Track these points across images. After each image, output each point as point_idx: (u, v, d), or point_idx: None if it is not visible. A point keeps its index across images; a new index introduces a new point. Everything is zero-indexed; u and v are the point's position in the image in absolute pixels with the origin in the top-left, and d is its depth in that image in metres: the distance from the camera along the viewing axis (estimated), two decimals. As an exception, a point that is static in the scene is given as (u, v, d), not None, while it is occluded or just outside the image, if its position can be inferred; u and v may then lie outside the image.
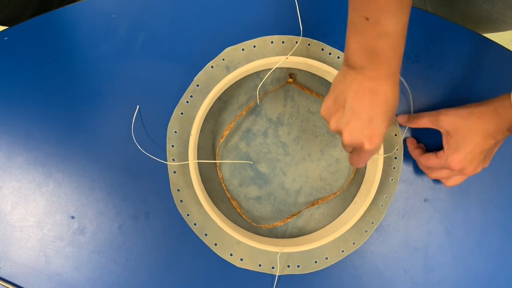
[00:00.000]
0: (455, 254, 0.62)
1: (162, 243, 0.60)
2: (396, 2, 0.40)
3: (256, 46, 0.60)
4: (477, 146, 0.50)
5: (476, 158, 0.51)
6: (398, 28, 0.42)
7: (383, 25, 0.41)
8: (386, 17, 0.41)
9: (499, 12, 0.65)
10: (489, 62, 0.62)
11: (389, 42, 0.42)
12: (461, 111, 0.52)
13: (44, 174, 0.60)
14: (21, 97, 0.60)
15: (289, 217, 0.60)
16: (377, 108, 0.44)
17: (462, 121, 0.51)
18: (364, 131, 0.44)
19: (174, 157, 0.60)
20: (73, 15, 0.61)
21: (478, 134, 0.50)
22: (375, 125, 0.44)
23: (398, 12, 0.41)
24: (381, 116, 0.44)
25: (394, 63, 0.44)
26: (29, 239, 0.60)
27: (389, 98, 0.44)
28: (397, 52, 0.43)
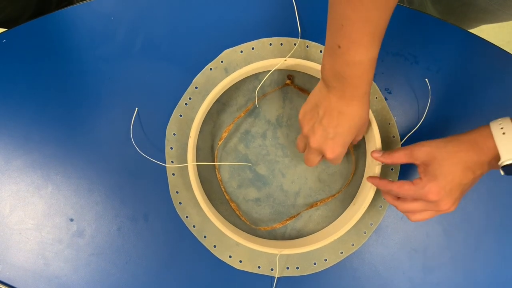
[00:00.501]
0: (453, 255, 0.62)
1: (161, 245, 0.60)
2: (368, 37, 0.42)
3: (254, 48, 0.60)
4: (456, 177, 0.46)
5: (454, 190, 0.46)
6: (367, 59, 0.44)
7: (352, 55, 0.44)
8: (356, 48, 0.43)
9: (498, 3, 0.66)
10: (486, 63, 0.63)
11: (357, 70, 0.45)
12: (437, 141, 0.48)
13: (43, 176, 0.60)
14: (20, 100, 0.60)
15: (287, 219, 0.60)
16: (342, 126, 0.49)
17: (439, 150, 0.47)
18: (328, 142, 0.50)
19: (173, 159, 0.60)
20: (71, 18, 0.61)
21: (456, 164, 0.46)
22: (338, 139, 0.50)
23: (368, 45, 0.43)
24: (344, 132, 0.49)
25: (361, 88, 0.46)
26: (28, 242, 0.60)
27: (354, 117, 0.48)
28: (364, 79, 0.46)
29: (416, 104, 0.62)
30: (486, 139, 0.45)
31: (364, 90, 0.47)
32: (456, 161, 0.46)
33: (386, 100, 0.62)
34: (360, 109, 0.48)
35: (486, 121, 0.61)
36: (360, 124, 0.50)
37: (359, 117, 0.49)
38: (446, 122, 0.62)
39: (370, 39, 0.43)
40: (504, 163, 0.43)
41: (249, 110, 0.60)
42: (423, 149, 0.48)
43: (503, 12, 0.68)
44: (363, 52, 0.43)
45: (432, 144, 0.48)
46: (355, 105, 0.48)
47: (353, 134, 0.50)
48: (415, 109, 0.62)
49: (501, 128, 0.44)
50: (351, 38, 0.43)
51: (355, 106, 0.48)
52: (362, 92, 0.47)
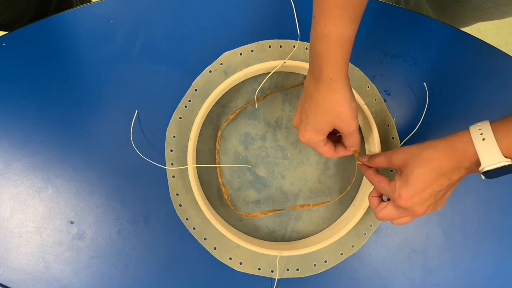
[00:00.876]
0: (453, 256, 0.62)
1: (161, 247, 0.60)
2: (339, 10, 0.42)
3: (254, 50, 0.60)
4: (428, 186, 0.45)
5: (425, 199, 0.45)
6: (335, 35, 0.43)
7: (322, 26, 0.43)
8: (325, 20, 0.42)
9: (491, 0, 0.66)
10: (485, 65, 0.63)
11: (324, 46, 0.44)
12: (413, 148, 0.47)
13: (43, 179, 0.60)
14: (20, 102, 0.60)
15: (271, 211, 0.59)
16: (310, 108, 0.48)
17: (413, 156, 0.45)
18: (301, 124, 0.50)
19: (172, 162, 0.60)
20: (71, 20, 0.61)
21: (429, 171, 0.44)
22: (307, 122, 0.49)
23: (338, 19, 0.42)
24: (314, 115, 0.48)
25: (327, 69, 0.45)
26: (28, 245, 0.60)
27: (319, 102, 0.47)
28: (330, 57, 0.44)
29: (415, 105, 0.62)
30: (466, 144, 0.43)
31: (331, 73, 0.45)
32: (429, 169, 0.44)
33: (385, 102, 0.62)
34: (327, 95, 0.46)
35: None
36: (327, 113, 0.47)
37: (325, 104, 0.46)
38: (445, 123, 0.62)
39: (341, 12, 0.42)
40: (484, 169, 0.42)
41: (244, 107, 0.61)
42: (399, 156, 0.47)
43: (496, 10, 0.69)
44: (332, 25, 0.42)
45: (408, 151, 0.47)
46: (322, 88, 0.46)
47: (326, 120, 0.47)
48: (414, 110, 0.62)
49: (481, 134, 0.42)
50: (322, 8, 0.42)
51: (323, 90, 0.46)
52: (330, 73, 0.45)
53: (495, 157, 0.41)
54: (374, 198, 0.52)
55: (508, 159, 0.41)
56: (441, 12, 0.80)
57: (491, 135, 0.42)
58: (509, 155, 0.41)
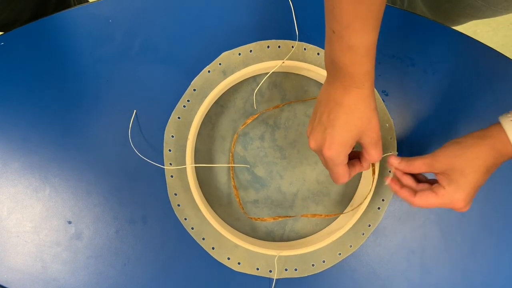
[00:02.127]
0: (451, 256, 0.62)
1: (159, 247, 0.60)
2: (361, 21, 0.41)
3: (252, 50, 0.60)
4: (477, 182, 0.47)
5: (474, 194, 0.48)
6: (361, 45, 0.42)
7: (346, 40, 0.42)
8: (349, 33, 0.42)
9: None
10: (483, 66, 0.63)
11: (351, 57, 0.43)
12: (454, 149, 0.47)
13: (41, 179, 0.60)
14: (18, 102, 0.60)
15: (281, 217, 0.59)
16: (339, 118, 0.45)
17: (457, 158, 0.47)
18: (326, 138, 0.46)
19: (171, 162, 0.60)
20: (69, 20, 0.61)
21: (477, 169, 0.46)
22: (335, 134, 0.46)
23: (361, 30, 0.42)
24: (342, 126, 0.45)
25: (358, 78, 0.44)
26: (26, 245, 0.59)
27: (352, 110, 0.45)
28: (360, 67, 0.44)
29: (413, 106, 0.62)
30: (506, 145, 0.46)
31: (362, 80, 0.44)
32: (477, 167, 0.46)
33: (384, 102, 0.62)
34: (360, 101, 0.45)
35: (483, 122, 0.62)
36: (360, 120, 0.46)
37: (358, 111, 0.45)
38: (443, 123, 0.62)
39: (363, 22, 0.41)
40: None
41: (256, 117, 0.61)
42: (441, 159, 0.48)
43: (487, 8, 0.70)
44: (357, 37, 0.42)
45: (449, 153, 0.48)
46: (354, 95, 0.45)
47: (352, 131, 0.46)
48: (412, 111, 0.62)
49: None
50: (343, 21, 0.41)
51: (354, 96, 0.45)
52: (360, 81, 0.44)
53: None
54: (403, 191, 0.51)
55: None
56: (435, 10, 0.81)
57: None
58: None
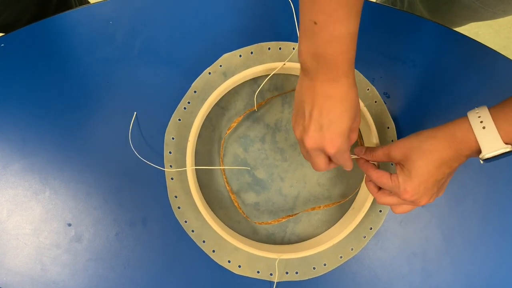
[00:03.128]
0: (452, 259, 0.62)
1: (159, 250, 0.60)
2: (345, 9, 0.40)
3: (253, 52, 0.60)
4: (431, 177, 0.45)
5: (429, 190, 0.46)
6: (347, 33, 0.41)
7: (331, 29, 0.41)
8: (334, 23, 0.41)
9: (480, 0, 0.67)
10: (485, 68, 0.63)
11: (337, 46, 0.42)
12: (412, 140, 0.47)
13: (41, 181, 0.60)
14: (18, 104, 0.60)
15: (284, 217, 0.59)
16: (334, 111, 0.44)
17: (413, 150, 0.46)
18: (325, 135, 0.45)
19: (171, 164, 0.59)
20: (70, 22, 0.61)
21: (430, 162, 0.45)
22: (334, 128, 0.45)
23: (346, 17, 0.41)
24: (339, 118, 0.44)
25: (345, 65, 0.43)
26: (25, 247, 0.59)
27: (345, 98, 0.44)
28: (346, 56, 0.43)
29: (415, 107, 0.62)
30: (466, 133, 0.44)
31: (349, 68, 0.44)
32: (431, 160, 0.45)
33: (385, 104, 0.62)
34: (349, 88, 0.44)
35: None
36: (353, 106, 0.45)
37: (350, 99, 0.45)
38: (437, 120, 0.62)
39: (348, 10, 0.40)
40: (485, 157, 0.43)
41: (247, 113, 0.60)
42: (398, 149, 0.47)
43: (485, 10, 0.70)
44: (341, 25, 0.41)
45: (407, 144, 0.47)
46: (343, 84, 0.44)
47: (349, 120, 0.45)
48: (414, 113, 0.62)
49: (481, 122, 0.43)
50: (326, 11, 0.40)
51: (343, 86, 0.44)
52: (346, 69, 0.43)
53: (496, 144, 0.42)
54: (370, 184, 0.52)
55: (508, 145, 0.42)
56: (434, 12, 0.81)
57: (491, 122, 0.43)
58: (509, 141, 0.42)
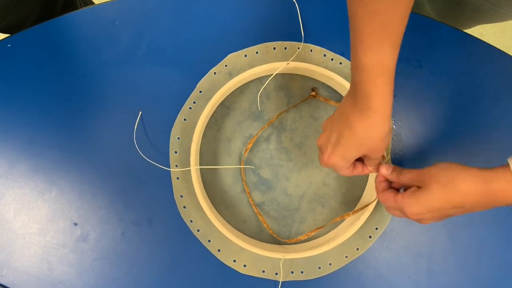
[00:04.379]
0: (458, 260, 0.62)
1: (165, 249, 0.60)
2: (376, 36, 0.38)
3: (258, 52, 0.60)
4: (442, 211, 0.43)
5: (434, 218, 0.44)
6: (375, 64, 0.39)
7: (360, 56, 0.39)
8: (363, 50, 0.39)
9: (490, 2, 0.67)
10: (490, 68, 0.63)
11: (363, 75, 0.40)
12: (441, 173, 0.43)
13: (47, 181, 0.60)
14: (24, 104, 0.60)
15: (314, 230, 0.59)
16: (345, 137, 0.45)
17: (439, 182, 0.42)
18: (328, 147, 0.47)
19: (177, 163, 0.60)
20: (76, 22, 0.61)
21: (450, 201, 0.42)
22: (336, 149, 0.46)
23: (376, 46, 0.38)
24: (345, 144, 0.45)
25: (370, 100, 0.41)
26: (32, 246, 0.59)
27: (358, 134, 0.43)
28: (372, 88, 0.40)
29: (420, 108, 0.62)
30: (505, 185, 0.40)
31: (376, 105, 0.41)
32: (451, 200, 0.42)
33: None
34: (369, 127, 0.42)
35: (490, 125, 0.61)
36: (368, 144, 0.44)
37: (367, 136, 0.43)
38: (451, 126, 0.62)
39: (380, 37, 0.37)
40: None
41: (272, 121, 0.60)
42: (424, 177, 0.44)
43: (495, 12, 0.69)
44: (371, 53, 0.38)
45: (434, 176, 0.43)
46: (365, 120, 0.42)
47: (356, 151, 0.45)
48: (419, 113, 0.62)
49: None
50: (358, 35, 0.38)
51: (364, 121, 0.42)
52: (373, 105, 0.41)
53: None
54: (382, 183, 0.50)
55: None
56: (442, 13, 0.80)
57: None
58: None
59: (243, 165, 0.60)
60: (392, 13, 0.37)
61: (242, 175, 0.60)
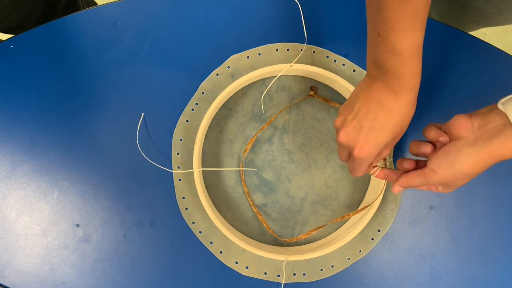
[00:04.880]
0: (461, 262, 0.62)
1: (167, 251, 0.60)
2: (408, 19, 0.39)
3: (261, 53, 0.60)
4: (467, 176, 0.44)
5: (456, 184, 0.45)
6: (408, 46, 0.41)
7: (392, 41, 0.41)
8: (396, 35, 0.40)
9: (494, 6, 0.66)
10: (493, 69, 0.62)
11: (398, 59, 0.42)
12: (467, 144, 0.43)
13: (49, 182, 0.60)
14: (26, 105, 0.60)
15: (314, 230, 0.59)
16: (379, 120, 0.44)
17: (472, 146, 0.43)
18: (360, 137, 0.45)
19: (179, 165, 0.59)
20: (78, 23, 0.61)
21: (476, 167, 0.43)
22: (371, 135, 0.45)
23: (408, 30, 0.40)
24: (380, 129, 0.44)
25: (405, 80, 0.43)
26: (34, 248, 0.59)
27: (396, 113, 0.44)
28: (408, 70, 0.42)
29: (423, 107, 0.62)
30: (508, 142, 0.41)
31: (410, 84, 0.43)
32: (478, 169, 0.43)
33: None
34: (405, 106, 0.44)
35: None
36: (401, 124, 0.45)
37: (402, 116, 0.44)
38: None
39: (410, 21, 0.39)
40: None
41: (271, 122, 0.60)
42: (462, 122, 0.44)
43: (499, 15, 0.69)
44: (404, 37, 0.40)
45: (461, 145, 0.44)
46: (400, 99, 0.43)
47: (390, 135, 0.45)
48: (420, 113, 0.62)
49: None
50: (388, 22, 0.40)
51: (400, 101, 0.43)
52: (408, 85, 0.43)
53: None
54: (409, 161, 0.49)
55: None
56: (445, 16, 0.80)
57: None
58: None
59: (242, 165, 0.60)
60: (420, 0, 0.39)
61: (241, 176, 0.60)
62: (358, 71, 0.61)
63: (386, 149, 0.47)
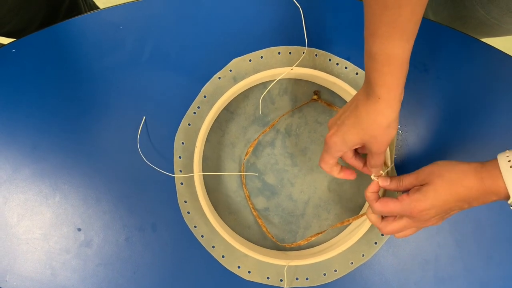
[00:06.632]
0: (465, 266, 0.61)
1: (169, 255, 0.59)
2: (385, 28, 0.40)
3: (263, 57, 0.60)
4: (446, 204, 0.44)
5: (438, 214, 0.46)
6: (382, 53, 0.41)
7: (369, 45, 0.42)
8: (372, 39, 0.42)
9: (495, 17, 0.66)
10: (497, 72, 0.62)
11: (372, 63, 0.42)
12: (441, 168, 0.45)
13: (51, 186, 0.60)
14: (28, 109, 0.60)
15: (313, 235, 0.58)
16: (350, 119, 0.47)
17: (440, 177, 0.44)
18: (333, 126, 0.49)
19: (181, 169, 0.59)
20: (80, 27, 0.61)
21: (453, 194, 0.44)
22: (341, 129, 0.47)
23: (385, 37, 0.41)
24: (347, 126, 0.47)
25: (375, 87, 0.43)
26: (35, 252, 0.59)
27: (361, 118, 0.45)
28: (378, 76, 0.42)
29: (426, 112, 0.61)
30: (496, 181, 0.41)
31: (378, 92, 0.43)
32: (455, 192, 0.44)
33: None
34: (373, 113, 0.44)
35: (497, 129, 0.60)
36: (368, 130, 0.45)
37: (369, 121, 0.45)
38: (457, 130, 0.61)
39: (388, 29, 0.40)
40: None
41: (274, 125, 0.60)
42: (424, 174, 0.46)
43: (500, 26, 0.69)
44: (379, 43, 0.41)
45: (435, 171, 0.45)
46: (369, 105, 0.44)
47: (355, 135, 0.46)
48: (426, 117, 0.61)
49: (511, 167, 0.41)
50: (369, 26, 0.41)
51: (369, 106, 0.44)
52: (376, 92, 0.43)
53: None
54: (372, 216, 0.51)
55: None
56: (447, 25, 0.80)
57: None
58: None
59: (243, 168, 0.60)
60: (402, 9, 0.39)
61: (242, 179, 0.60)
62: (361, 74, 0.60)
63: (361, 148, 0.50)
